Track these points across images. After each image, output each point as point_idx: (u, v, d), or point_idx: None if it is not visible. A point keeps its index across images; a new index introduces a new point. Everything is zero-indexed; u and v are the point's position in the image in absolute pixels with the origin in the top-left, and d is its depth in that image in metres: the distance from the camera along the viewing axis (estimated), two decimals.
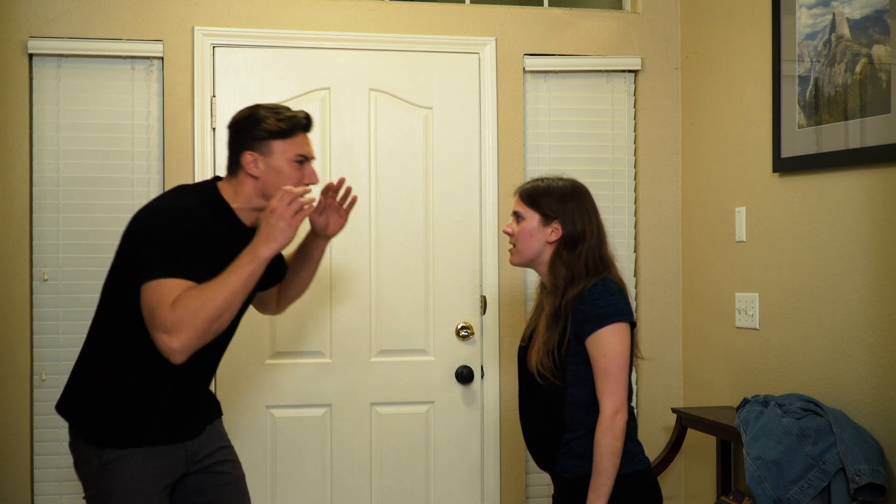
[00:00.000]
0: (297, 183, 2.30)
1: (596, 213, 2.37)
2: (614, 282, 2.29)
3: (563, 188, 2.35)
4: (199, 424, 2.42)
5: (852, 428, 2.58)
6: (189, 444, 2.36)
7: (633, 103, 3.68)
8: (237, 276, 2.14)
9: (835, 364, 2.80)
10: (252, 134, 2.28)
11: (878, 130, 2.62)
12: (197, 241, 2.19)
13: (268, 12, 3.43)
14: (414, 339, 3.50)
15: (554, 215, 2.32)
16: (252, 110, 2.33)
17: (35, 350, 3.27)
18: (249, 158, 2.29)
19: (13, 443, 3.24)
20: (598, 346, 2.22)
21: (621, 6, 3.77)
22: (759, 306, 3.16)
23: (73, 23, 3.29)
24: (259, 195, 2.31)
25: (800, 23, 2.94)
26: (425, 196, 3.52)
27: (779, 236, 3.06)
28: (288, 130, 2.29)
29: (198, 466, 2.39)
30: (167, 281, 2.12)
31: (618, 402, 2.21)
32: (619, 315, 2.23)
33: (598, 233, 2.35)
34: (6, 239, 3.24)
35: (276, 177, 2.29)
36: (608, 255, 2.36)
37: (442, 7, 3.57)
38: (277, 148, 2.29)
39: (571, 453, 2.27)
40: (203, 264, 2.17)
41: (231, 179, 2.35)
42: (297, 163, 2.31)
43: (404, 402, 3.50)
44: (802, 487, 2.51)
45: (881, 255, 2.62)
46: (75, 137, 3.31)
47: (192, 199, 2.27)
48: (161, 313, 2.10)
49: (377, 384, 3.48)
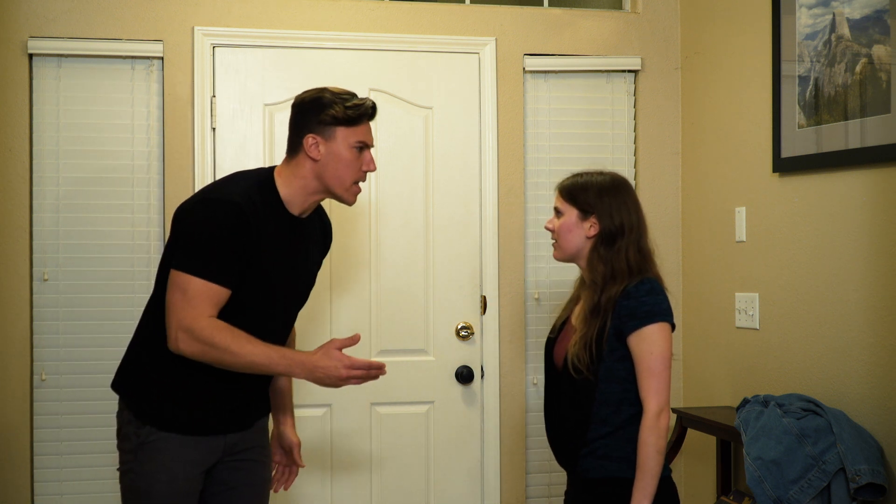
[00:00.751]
0: (356, 168, 2.32)
1: (637, 207, 2.33)
2: (658, 282, 2.27)
3: (601, 182, 2.32)
4: (247, 419, 2.41)
5: (852, 428, 2.58)
6: (230, 436, 2.36)
7: (633, 103, 3.68)
8: (265, 360, 2.17)
9: (835, 364, 2.80)
10: (317, 118, 2.28)
11: (878, 130, 2.62)
12: (234, 236, 2.19)
13: (268, 12, 3.43)
14: (414, 339, 3.50)
15: (592, 210, 2.30)
16: (320, 93, 2.31)
17: (35, 350, 3.27)
18: (311, 141, 2.29)
19: (13, 443, 3.24)
20: (643, 343, 2.19)
21: (621, 6, 3.77)
22: (759, 306, 3.16)
23: (73, 23, 3.29)
24: (315, 177, 2.31)
25: (800, 23, 2.94)
26: (425, 195, 3.52)
27: (779, 236, 3.06)
28: (355, 119, 2.29)
29: (231, 458, 2.38)
30: (193, 279, 2.16)
31: (662, 401, 2.19)
32: (664, 315, 2.21)
33: (639, 227, 2.31)
34: (6, 239, 3.24)
35: (336, 161, 2.29)
36: (648, 251, 2.32)
37: (442, 7, 3.57)
38: (341, 134, 2.28)
39: (595, 454, 2.24)
40: (235, 264, 2.19)
41: (289, 161, 2.34)
42: (356, 149, 2.32)
43: (404, 402, 3.50)
44: (802, 487, 2.51)
45: (881, 255, 2.62)
46: (75, 137, 3.31)
47: (241, 189, 2.26)
48: (179, 311, 2.15)
49: (377, 384, 3.46)
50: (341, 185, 2.32)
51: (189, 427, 2.28)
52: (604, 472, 2.23)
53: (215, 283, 2.17)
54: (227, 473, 2.38)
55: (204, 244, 2.18)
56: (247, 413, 2.41)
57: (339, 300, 3.45)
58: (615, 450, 2.22)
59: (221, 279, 2.17)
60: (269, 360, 2.17)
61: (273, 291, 2.32)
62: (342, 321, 3.45)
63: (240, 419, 2.39)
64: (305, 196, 2.33)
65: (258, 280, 2.26)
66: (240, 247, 2.19)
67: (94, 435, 3.28)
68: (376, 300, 3.48)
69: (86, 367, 3.28)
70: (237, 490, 2.40)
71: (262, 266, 2.25)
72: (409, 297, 3.50)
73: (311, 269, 2.47)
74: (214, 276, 2.16)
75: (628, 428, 2.22)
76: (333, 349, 2.20)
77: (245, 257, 2.20)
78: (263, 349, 2.17)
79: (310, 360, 2.19)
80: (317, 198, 2.36)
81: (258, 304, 2.30)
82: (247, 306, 2.27)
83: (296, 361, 2.19)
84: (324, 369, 2.18)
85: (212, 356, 2.17)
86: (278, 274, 2.31)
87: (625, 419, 2.22)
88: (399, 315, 3.49)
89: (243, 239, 2.19)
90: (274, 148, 3.40)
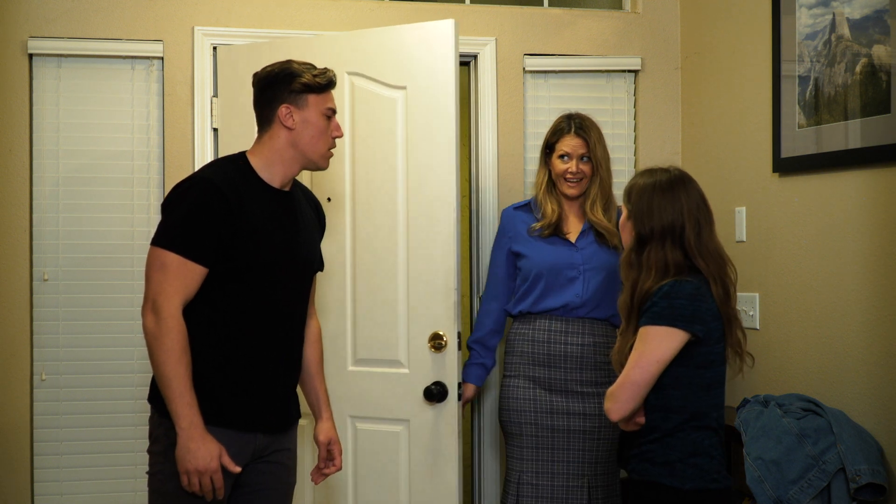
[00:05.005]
0: (327, 136, 2.40)
1: (675, 208, 2.23)
2: (692, 284, 2.16)
3: (643, 185, 2.28)
4: (281, 417, 2.41)
5: (852, 428, 2.58)
6: (260, 438, 2.35)
7: (633, 103, 3.68)
8: (175, 390, 2.17)
9: (835, 364, 2.80)
10: (288, 87, 2.35)
11: (878, 130, 2.62)
12: (210, 212, 2.22)
13: (268, 12, 3.43)
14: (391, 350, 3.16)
15: (630, 212, 2.28)
16: (287, 64, 2.39)
17: (35, 350, 3.27)
18: (286, 111, 2.35)
19: (13, 443, 3.24)
20: (639, 342, 2.16)
21: (621, 6, 3.77)
22: (759, 306, 3.16)
23: (73, 23, 3.29)
24: (290, 146, 2.37)
25: (800, 23, 2.94)
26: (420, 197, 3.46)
27: (779, 236, 3.06)
28: (324, 86, 2.38)
29: (259, 461, 2.38)
30: (168, 254, 2.20)
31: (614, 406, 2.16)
32: (675, 321, 2.13)
33: (675, 229, 2.21)
34: (6, 239, 3.24)
35: (310, 129, 2.37)
36: (696, 248, 2.21)
37: (442, 7, 3.57)
38: (312, 101, 2.37)
39: (642, 456, 2.23)
40: (213, 241, 2.22)
41: (262, 136, 2.40)
42: (326, 117, 2.40)
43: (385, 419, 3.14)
44: (802, 487, 2.51)
45: (881, 255, 2.62)
46: (75, 137, 3.31)
47: (214, 168, 2.35)
48: (154, 285, 2.21)
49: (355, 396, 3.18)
50: (316, 152, 2.40)
51: (221, 417, 2.27)
52: (645, 476, 2.21)
53: (189, 259, 2.20)
54: (253, 476, 2.38)
55: (179, 221, 2.23)
56: (282, 409, 2.42)
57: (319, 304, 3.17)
58: (659, 455, 2.19)
59: (196, 255, 2.21)
60: (178, 393, 2.17)
61: (270, 264, 2.32)
62: None
63: (274, 415, 2.39)
64: (282, 167, 2.38)
65: (250, 253, 2.27)
66: (218, 222, 2.22)
67: (94, 435, 3.29)
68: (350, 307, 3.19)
69: (86, 367, 3.29)
70: (261, 493, 2.40)
71: (251, 238, 2.27)
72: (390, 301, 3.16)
73: (307, 243, 2.46)
74: (189, 252, 2.20)
75: (676, 435, 2.19)
76: (224, 453, 2.21)
77: (226, 233, 2.23)
78: (183, 384, 2.17)
79: (199, 433, 2.18)
80: (293, 168, 2.40)
81: (259, 279, 2.30)
82: (248, 282, 2.29)
83: (188, 419, 2.18)
84: (203, 448, 2.17)
85: (152, 344, 2.19)
86: (270, 245, 2.32)
87: (672, 426, 2.19)
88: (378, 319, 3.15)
89: (221, 214, 2.23)
90: None
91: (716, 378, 2.21)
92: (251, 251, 2.27)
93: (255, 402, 2.33)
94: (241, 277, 2.28)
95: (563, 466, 2.94)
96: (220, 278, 2.26)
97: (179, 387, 2.18)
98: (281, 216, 2.37)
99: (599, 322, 2.99)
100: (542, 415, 2.96)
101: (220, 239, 2.23)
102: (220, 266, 2.25)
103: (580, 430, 2.94)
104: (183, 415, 2.17)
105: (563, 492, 2.94)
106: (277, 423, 2.41)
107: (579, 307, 2.96)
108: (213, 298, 2.27)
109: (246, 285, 2.29)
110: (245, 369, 2.31)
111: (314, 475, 2.58)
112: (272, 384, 2.38)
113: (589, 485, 2.94)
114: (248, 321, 2.31)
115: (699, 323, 2.14)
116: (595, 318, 2.98)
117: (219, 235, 2.23)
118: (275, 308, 2.34)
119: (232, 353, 2.29)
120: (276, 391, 2.39)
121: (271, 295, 2.33)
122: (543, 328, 2.98)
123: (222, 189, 2.24)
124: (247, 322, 2.31)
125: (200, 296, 2.26)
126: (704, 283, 2.21)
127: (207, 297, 2.26)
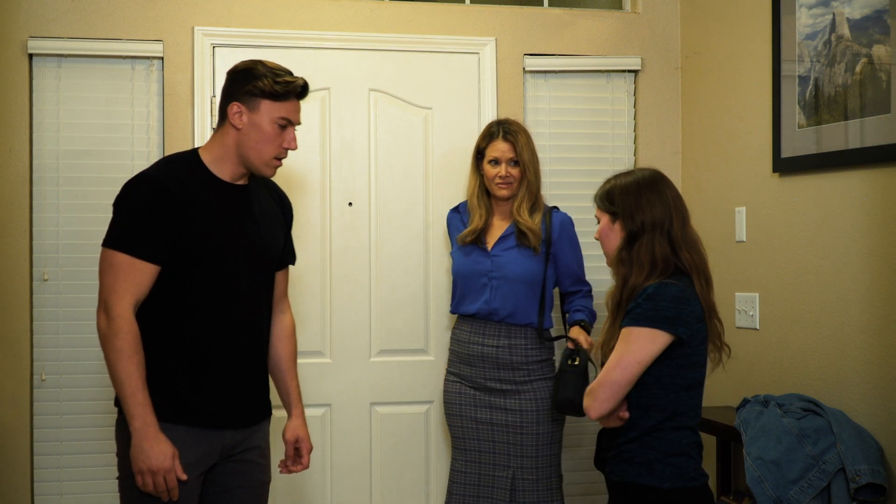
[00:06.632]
0: (276, 144, 2.33)
1: (665, 200, 2.25)
2: (677, 286, 2.17)
3: (624, 184, 2.30)
4: (247, 414, 2.39)
5: (852, 428, 2.58)
6: (229, 436, 2.34)
7: (633, 103, 3.68)
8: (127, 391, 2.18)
9: (835, 364, 2.80)
10: (244, 87, 2.30)
11: (878, 130, 2.62)
12: (155, 208, 2.21)
13: (268, 12, 3.43)
14: (414, 339, 3.50)
15: (617, 212, 2.28)
16: (254, 64, 2.34)
17: (35, 350, 3.27)
18: (235, 109, 2.31)
19: (13, 443, 3.24)
20: (620, 342, 2.16)
21: (621, 6, 3.77)
22: (759, 306, 3.17)
23: (73, 23, 3.29)
24: (236, 146, 2.32)
25: (800, 23, 2.94)
26: (425, 195, 3.52)
27: (779, 236, 3.06)
28: (281, 94, 2.30)
29: (228, 460, 2.36)
30: (117, 254, 2.21)
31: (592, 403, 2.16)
32: (658, 322, 2.13)
33: (669, 220, 2.24)
34: (6, 239, 3.24)
35: (257, 133, 2.31)
36: (680, 240, 2.23)
37: (442, 7, 3.57)
38: (265, 107, 2.30)
39: (620, 456, 2.22)
40: (160, 238, 2.21)
41: (215, 133, 2.38)
42: (279, 125, 2.32)
43: (404, 402, 3.49)
44: (802, 487, 2.51)
45: (881, 254, 2.62)
46: (75, 137, 3.31)
47: (161, 165, 2.33)
48: (106, 286, 2.21)
49: (377, 384, 3.48)
50: (259, 158, 2.33)
51: (186, 415, 2.26)
52: (623, 476, 2.21)
53: (138, 258, 2.20)
54: (223, 476, 2.37)
55: (126, 220, 2.23)
56: (249, 405, 2.39)
57: (338, 300, 3.45)
58: (638, 455, 2.19)
59: (144, 253, 2.20)
60: (130, 393, 2.18)
61: (222, 257, 2.30)
62: (341, 321, 3.45)
63: (241, 411, 2.37)
64: (230, 164, 2.35)
65: (200, 246, 2.26)
66: (164, 218, 2.22)
67: (94, 435, 3.28)
68: (376, 299, 3.48)
69: (86, 367, 3.28)
70: (232, 492, 2.38)
71: (199, 232, 2.25)
72: (408, 296, 3.49)
73: (266, 237, 2.42)
74: (137, 251, 2.20)
75: (654, 434, 2.18)
76: (177, 457, 2.20)
77: (173, 228, 2.22)
78: (135, 384, 2.17)
79: (153, 432, 2.18)
80: (239, 167, 2.36)
81: (213, 273, 2.29)
82: (204, 277, 2.27)
83: (141, 419, 2.18)
84: (157, 447, 2.17)
85: (103, 345, 2.20)
86: (221, 238, 2.29)
87: (652, 425, 2.18)
88: (399, 314, 3.49)
89: (166, 210, 2.22)
90: None
91: (697, 379, 2.22)
92: (200, 245, 2.25)
93: (220, 399, 2.31)
94: (197, 272, 2.27)
95: (489, 457, 3.09)
96: (176, 274, 2.25)
97: (131, 387, 2.17)
98: (233, 210, 2.34)
99: (518, 326, 3.08)
100: (467, 407, 3.11)
101: (167, 235, 2.22)
102: (172, 261, 2.24)
103: (503, 424, 3.07)
104: (136, 415, 2.17)
105: (489, 480, 3.08)
106: (244, 418, 2.38)
107: (491, 313, 3.08)
108: (171, 295, 2.26)
109: (202, 280, 2.27)
110: (207, 366, 2.29)
111: (280, 466, 2.56)
112: (236, 380, 2.35)
113: (514, 476, 3.05)
114: (207, 316, 2.29)
115: (682, 325, 2.15)
116: (512, 324, 3.08)
117: (166, 231, 2.22)
118: (234, 302, 2.32)
119: (193, 349, 2.28)
120: (240, 386, 2.36)
121: (229, 289, 2.31)
122: (466, 329, 3.14)
123: (166, 184, 2.23)
124: (205, 317, 2.29)
125: (158, 292, 2.25)
126: (688, 283, 2.21)
127: (165, 294, 2.25)
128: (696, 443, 2.23)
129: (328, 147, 3.45)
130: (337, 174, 3.45)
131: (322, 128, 3.44)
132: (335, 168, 3.44)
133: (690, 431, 2.21)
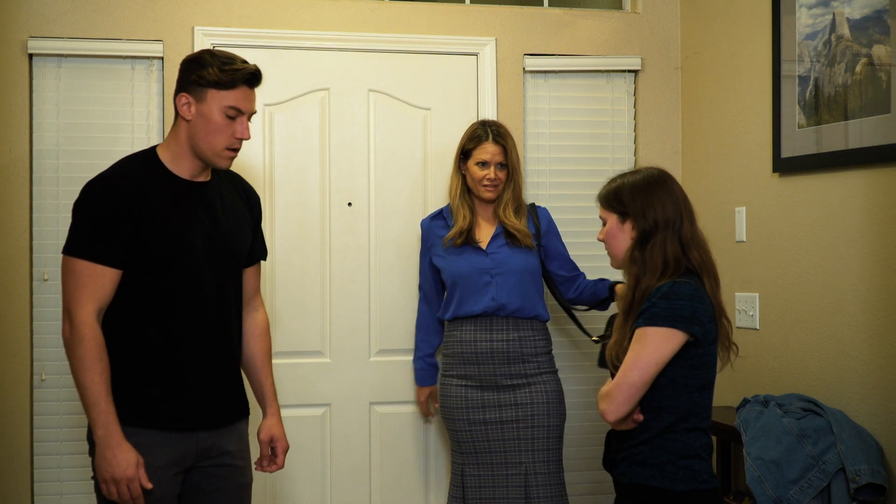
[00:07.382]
0: (227, 134, 2.27)
1: (674, 199, 2.24)
2: (690, 285, 2.16)
3: (632, 182, 2.27)
4: (219, 415, 2.35)
5: (852, 428, 2.58)
6: (203, 437, 2.30)
7: (633, 103, 3.68)
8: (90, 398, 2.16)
9: (835, 364, 2.80)
10: (190, 77, 2.25)
11: (878, 130, 2.62)
12: (109, 211, 2.20)
13: (268, 12, 3.43)
14: (413, 339, 3.48)
15: (627, 212, 2.26)
16: (200, 54, 2.29)
17: (35, 350, 3.27)
18: (183, 101, 2.27)
19: (13, 443, 3.24)
20: (635, 342, 2.13)
21: (621, 6, 3.77)
22: (759, 306, 3.17)
23: (73, 23, 3.29)
24: (188, 139, 2.28)
25: (800, 23, 2.94)
26: (424, 195, 3.52)
27: (779, 236, 3.06)
28: (228, 83, 2.24)
29: (205, 463, 2.33)
30: (77, 261, 2.19)
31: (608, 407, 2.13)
32: (675, 322, 2.10)
33: (679, 219, 2.22)
34: (6, 239, 3.24)
35: (206, 124, 2.25)
36: (689, 240, 2.22)
37: (441, 7, 3.57)
38: (212, 97, 2.24)
39: (632, 458, 2.19)
40: (117, 240, 2.19)
41: (171, 130, 2.34)
42: (228, 116, 2.26)
43: (404, 402, 3.50)
44: (802, 487, 2.51)
45: (881, 254, 2.62)
46: (75, 137, 3.30)
47: (116, 166, 2.31)
48: (68, 293, 2.20)
49: (376, 383, 3.48)
50: (211, 150, 2.27)
51: (158, 420, 2.24)
52: (635, 478, 2.18)
53: (98, 264, 2.18)
54: (201, 478, 2.33)
55: (82, 226, 2.22)
56: (221, 405, 2.36)
57: (337, 300, 3.45)
58: (650, 457, 2.16)
59: (104, 258, 2.19)
60: (93, 401, 2.16)
61: (183, 255, 2.26)
62: (341, 321, 3.45)
63: (212, 412, 2.33)
64: (187, 160, 2.31)
65: (159, 246, 2.23)
66: (120, 221, 2.20)
67: None
68: (375, 300, 3.48)
69: None
70: (211, 495, 2.35)
71: (158, 231, 2.22)
72: (408, 296, 3.48)
73: (231, 233, 2.37)
74: (96, 257, 2.18)
75: (667, 436, 2.16)
76: (141, 466, 2.17)
77: (131, 230, 2.20)
78: (98, 392, 2.15)
79: (116, 440, 2.16)
80: (196, 161, 2.31)
81: (177, 272, 2.26)
82: (168, 276, 2.25)
83: (104, 427, 2.15)
84: (120, 456, 2.15)
85: (67, 353, 2.20)
86: (181, 236, 2.26)
87: (664, 426, 2.16)
88: (398, 314, 3.49)
89: (122, 212, 2.20)
90: (274, 147, 3.41)
91: (709, 379, 2.20)
92: (160, 245, 2.23)
93: (190, 400, 2.28)
94: (159, 273, 2.24)
95: (500, 456, 3.07)
96: (139, 276, 2.23)
97: (94, 395, 2.15)
98: (192, 208, 2.30)
99: (525, 318, 3.11)
100: (472, 410, 3.09)
101: (125, 238, 2.20)
102: (134, 264, 2.22)
103: (513, 420, 3.06)
104: (99, 423, 2.15)
105: (503, 480, 3.06)
106: (218, 419, 2.34)
107: (498, 309, 3.08)
108: (136, 297, 2.24)
109: (165, 281, 2.24)
110: (175, 367, 2.27)
111: (255, 465, 2.52)
112: (206, 380, 2.32)
113: (526, 472, 3.04)
114: (172, 317, 2.26)
115: (697, 324, 2.13)
116: (519, 317, 3.10)
117: (124, 234, 2.20)
118: (199, 301, 2.28)
119: (161, 351, 2.25)
120: (210, 387, 2.33)
121: (193, 288, 2.28)
122: (470, 328, 3.11)
123: (120, 187, 2.22)
124: (171, 318, 2.26)
125: (123, 295, 2.23)
126: (699, 282, 2.20)
127: (130, 296, 2.23)
128: (707, 444, 2.21)
129: (328, 147, 3.45)
130: (336, 174, 3.45)
131: (321, 128, 3.44)
132: (335, 168, 3.45)
133: (702, 433, 2.19)
